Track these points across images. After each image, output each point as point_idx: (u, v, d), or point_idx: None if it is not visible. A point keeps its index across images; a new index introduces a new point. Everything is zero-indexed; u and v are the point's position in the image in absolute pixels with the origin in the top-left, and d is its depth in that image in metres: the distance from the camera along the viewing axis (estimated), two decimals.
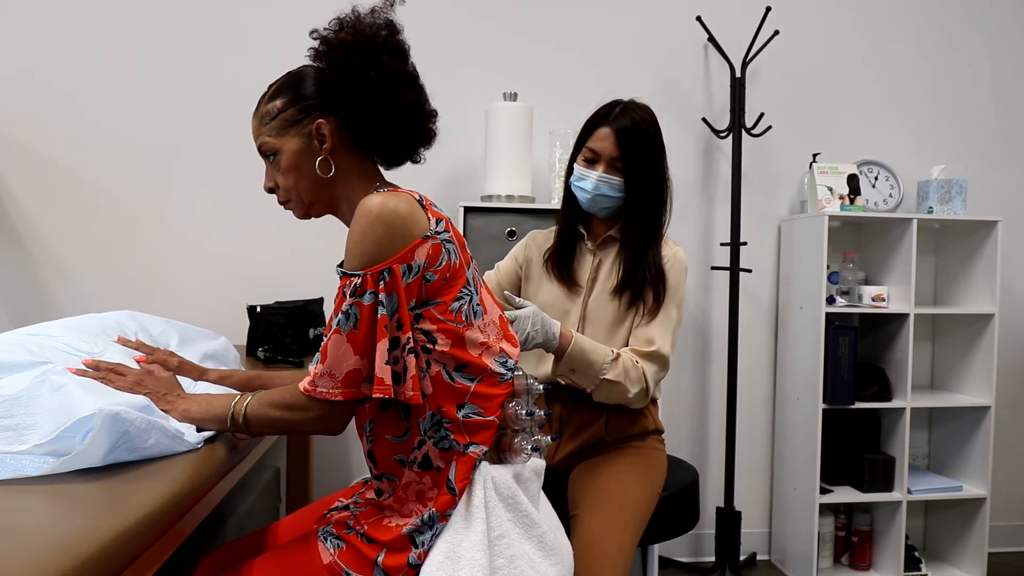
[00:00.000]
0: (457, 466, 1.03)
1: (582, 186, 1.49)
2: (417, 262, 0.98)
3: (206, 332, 1.51)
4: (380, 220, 0.96)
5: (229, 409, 1.01)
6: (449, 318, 1.02)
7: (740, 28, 2.51)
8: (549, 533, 1.09)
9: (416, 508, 1.04)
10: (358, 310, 0.96)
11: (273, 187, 1.13)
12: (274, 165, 1.11)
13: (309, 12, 2.37)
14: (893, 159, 2.67)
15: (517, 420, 1.10)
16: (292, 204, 1.13)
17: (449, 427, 1.03)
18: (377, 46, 1.05)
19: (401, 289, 0.97)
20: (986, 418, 2.48)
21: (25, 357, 1.00)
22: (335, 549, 1.04)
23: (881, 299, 2.39)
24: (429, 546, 1.01)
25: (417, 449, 1.04)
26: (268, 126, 1.09)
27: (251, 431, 1.02)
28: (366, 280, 0.96)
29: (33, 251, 2.30)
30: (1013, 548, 2.81)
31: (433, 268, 1.00)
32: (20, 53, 2.26)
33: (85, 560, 0.62)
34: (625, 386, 1.39)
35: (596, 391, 1.41)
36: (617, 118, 1.46)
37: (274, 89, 1.12)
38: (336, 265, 1.02)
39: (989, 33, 2.75)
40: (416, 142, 1.14)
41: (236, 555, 1.23)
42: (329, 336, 0.97)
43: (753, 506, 2.67)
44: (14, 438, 0.89)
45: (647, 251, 1.47)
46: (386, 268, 0.96)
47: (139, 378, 1.06)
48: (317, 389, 0.97)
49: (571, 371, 1.40)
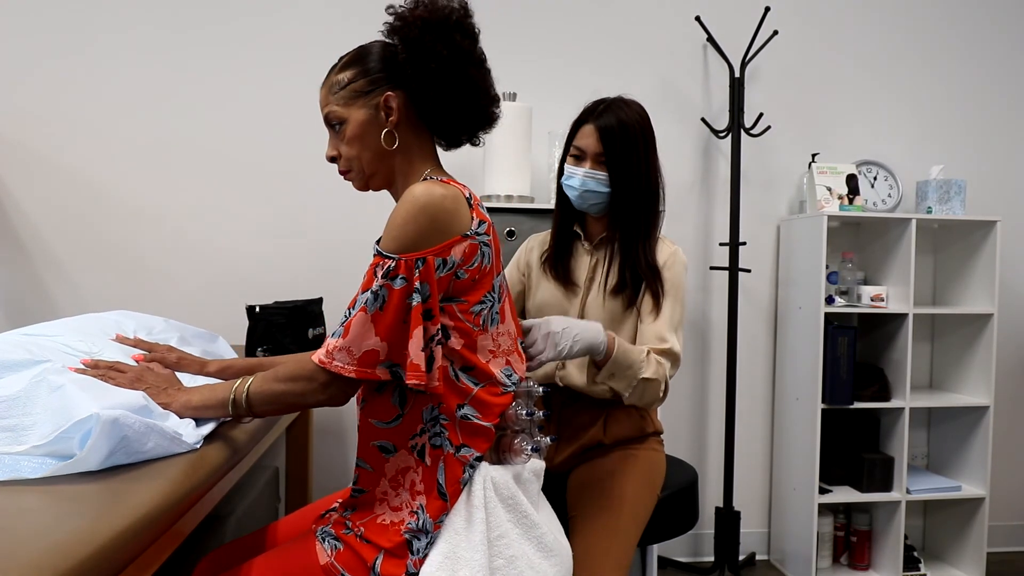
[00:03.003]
0: (445, 469, 1.03)
1: (571, 184, 1.50)
2: (452, 258, 1.00)
3: (204, 333, 1.51)
4: (425, 211, 0.98)
5: (230, 392, 1.02)
6: (468, 319, 1.04)
7: (739, 28, 2.51)
8: (549, 534, 1.09)
9: (406, 500, 1.04)
10: (387, 292, 0.97)
11: (335, 156, 1.13)
12: (339, 135, 1.12)
13: (308, 13, 2.38)
14: (892, 159, 2.67)
15: (517, 421, 1.10)
16: (352, 175, 1.14)
17: (445, 424, 1.04)
18: (451, 26, 1.06)
19: (434, 280, 0.98)
20: (985, 418, 2.48)
21: (23, 356, 1.00)
22: (332, 550, 1.04)
23: (880, 299, 2.39)
24: (425, 553, 1.01)
25: (419, 436, 1.05)
26: (336, 95, 1.11)
27: (254, 410, 1.02)
28: (399, 264, 0.97)
29: (33, 251, 2.30)
30: (1012, 548, 2.82)
31: (466, 267, 1.02)
32: (20, 53, 2.26)
33: (84, 560, 0.62)
34: (659, 383, 1.37)
35: (632, 393, 1.36)
36: (600, 115, 1.47)
37: (345, 61, 1.13)
38: (374, 241, 1.03)
39: (988, 33, 2.75)
40: (478, 124, 1.15)
41: (235, 555, 1.23)
42: (354, 313, 0.97)
43: (752, 506, 2.67)
44: (12, 439, 0.88)
45: (638, 246, 1.47)
46: (421, 257, 0.97)
47: (139, 374, 1.06)
48: (333, 363, 0.97)
49: (611, 376, 1.34)
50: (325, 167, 2.38)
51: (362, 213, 2.38)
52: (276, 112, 2.37)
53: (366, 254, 2.19)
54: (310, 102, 2.38)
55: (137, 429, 0.87)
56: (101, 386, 0.98)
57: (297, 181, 2.39)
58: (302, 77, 2.37)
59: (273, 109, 2.37)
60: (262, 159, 2.37)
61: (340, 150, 1.12)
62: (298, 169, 2.38)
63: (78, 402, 0.89)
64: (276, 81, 2.37)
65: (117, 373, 1.04)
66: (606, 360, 1.32)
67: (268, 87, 2.36)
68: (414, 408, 1.04)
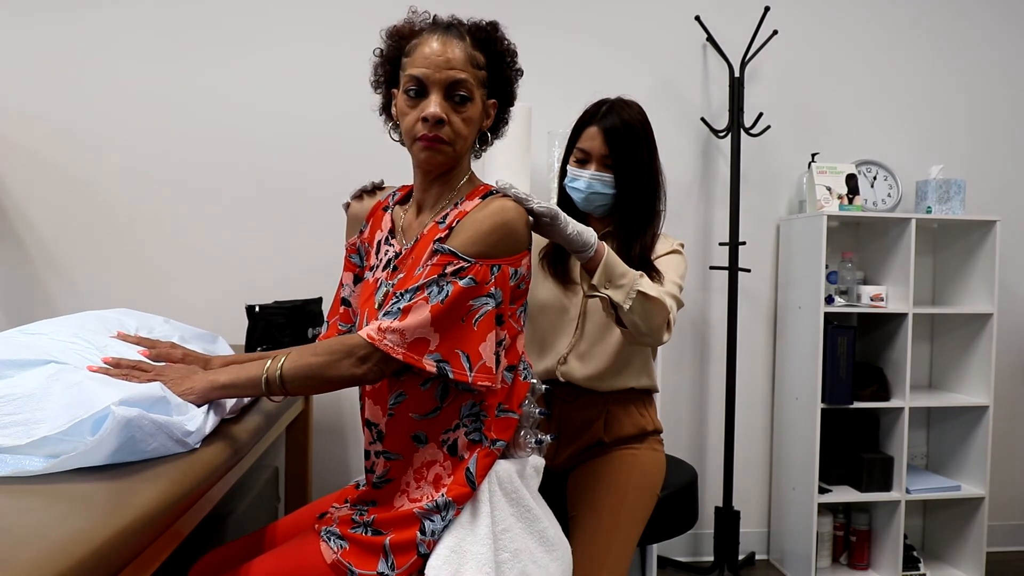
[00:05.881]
0: (478, 460, 1.06)
1: (576, 186, 1.50)
2: (521, 270, 1.08)
3: (204, 333, 1.50)
4: (508, 225, 1.05)
5: (263, 370, 1.01)
6: (515, 321, 1.11)
7: (739, 28, 2.51)
8: (550, 528, 1.11)
9: (428, 492, 1.06)
10: (451, 287, 1.00)
11: (446, 120, 1.07)
12: (458, 106, 1.09)
13: (307, 16, 2.38)
14: (892, 159, 2.67)
15: (527, 417, 1.15)
16: (445, 147, 1.09)
17: (486, 420, 1.08)
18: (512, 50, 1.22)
19: (508, 288, 1.05)
20: (984, 418, 2.48)
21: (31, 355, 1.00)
22: (339, 548, 1.04)
23: (879, 299, 2.40)
24: (437, 537, 1.02)
25: (452, 431, 1.07)
26: (472, 71, 1.11)
27: (287, 387, 1.01)
28: (472, 267, 1.01)
29: (32, 251, 2.30)
30: (1011, 547, 2.82)
31: (525, 279, 1.10)
32: (20, 53, 2.26)
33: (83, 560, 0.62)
34: (661, 304, 1.28)
35: (631, 310, 1.26)
36: (604, 117, 1.48)
37: (480, 40, 1.15)
38: (436, 239, 1.06)
39: (988, 33, 2.75)
40: None
41: (234, 555, 1.23)
42: (415, 299, 0.99)
43: (752, 506, 2.67)
44: (23, 432, 0.88)
45: (635, 244, 1.47)
46: (497, 264, 1.03)
47: (160, 370, 1.06)
48: (383, 341, 0.99)
49: (606, 282, 1.25)
50: (325, 167, 2.39)
51: None
52: (276, 112, 2.37)
53: None
54: (310, 102, 2.38)
55: (146, 431, 0.88)
56: (120, 380, 0.98)
57: (297, 181, 2.39)
58: (303, 77, 2.37)
59: (273, 109, 2.37)
60: (262, 159, 2.37)
61: (453, 121, 1.08)
62: (298, 169, 2.38)
63: (96, 393, 0.89)
64: (276, 81, 2.37)
65: (140, 372, 1.03)
66: (596, 263, 1.24)
67: (268, 87, 2.36)
68: (454, 403, 1.07)
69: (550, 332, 1.55)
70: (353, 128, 2.39)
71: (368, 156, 2.37)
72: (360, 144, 2.38)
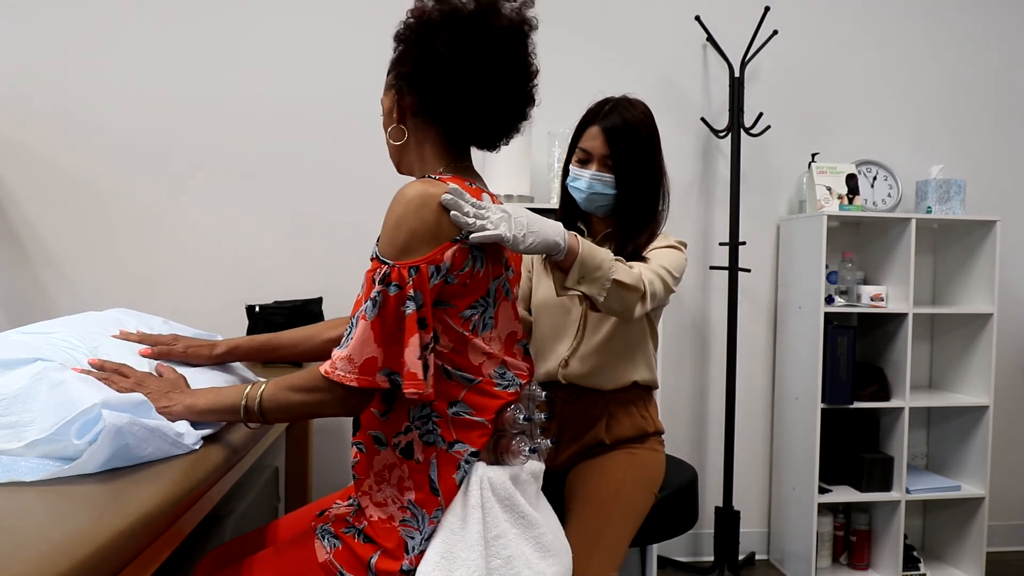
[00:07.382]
0: (439, 465, 1.03)
1: (577, 186, 1.50)
2: (445, 264, 0.99)
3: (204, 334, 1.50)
4: (416, 213, 0.97)
5: (242, 398, 1.00)
6: (457, 324, 1.03)
7: (739, 28, 2.51)
8: (548, 534, 1.09)
9: (393, 495, 1.04)
10: (383, 299, 0.96)
11: None
12: None
13: (306, 17, 2.38)
14: (892, 159, 2.67)
15: (515, 424, 1.10)
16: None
17: (438, 421, 1.04)
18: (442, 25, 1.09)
19: (427, 289, 0.97)
20: (984, 418, 2.48)
21: (21, 354, 1.00)
22: (331, 548, 1.04)
23: (880, 299, 2.39)
24: (422, 548, 1.01)
25: (403, 434, 1.04)
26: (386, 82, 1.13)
27: (266, 418, 1.01)
28: (393, 271, 0.96)
29: (32, 251, 2.30)
30: (1011, 547, 2.82)
31: (456, 272, 1.00)
32: (20, 53, 2.26)
33: (83, 560, 0.62)
34: (636, 289, 1.25)
35: (607, 298, 1.23)
36: (606, 116, 1.47)
37: None
38: (375, 241, 1.03)
39: (987, 33, 2.75)
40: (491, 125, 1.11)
41: (234, 555, 1.23)
42: (357, 322, 0.97)
43: (752, 506, 2.67)
44: (12, 435, 0.88)
45: (631, 244, 1.47)
46: (415, 266, 0.96)
47: (141, 379, 1.05)
48: (336, 372, 0.97)
49: (580, 279, 1.20)
50: (324, 167, 2.39)
51: (362, 212, 2.38)
52: (277, 112, 2.37)
53: (366, 254, 2.19)
54: (311, 102, 2.38)
55: (140, 436, 0.87)
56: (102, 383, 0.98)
57: (297, 181, 2.39)
58: (303, 77, 2.37)
59: (274, 109, 2.37)
60: (262, 159, 2.37)
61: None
62: (298, 169, 2.38)
63: (80, 393, 0.89)
64: (277, 81, 2.36)
65: (120, 377, 1.03)
66: (570, 262, 1.18)
67: (269, 87, 2.36)
68: (399, 406, 1.04)
69: (552, 333, 1.55)
70: (353, 128, 2.38)
71: (368, 157, 2.36)
72: (360, 144, 2.38)
